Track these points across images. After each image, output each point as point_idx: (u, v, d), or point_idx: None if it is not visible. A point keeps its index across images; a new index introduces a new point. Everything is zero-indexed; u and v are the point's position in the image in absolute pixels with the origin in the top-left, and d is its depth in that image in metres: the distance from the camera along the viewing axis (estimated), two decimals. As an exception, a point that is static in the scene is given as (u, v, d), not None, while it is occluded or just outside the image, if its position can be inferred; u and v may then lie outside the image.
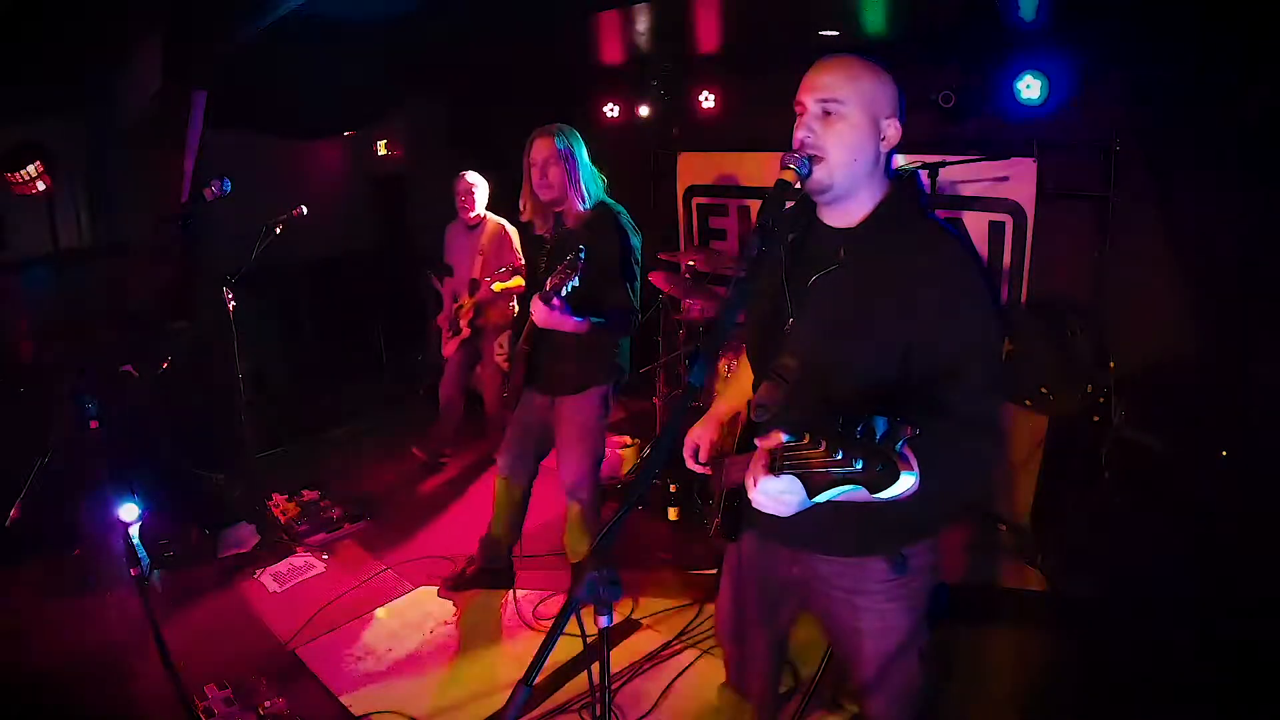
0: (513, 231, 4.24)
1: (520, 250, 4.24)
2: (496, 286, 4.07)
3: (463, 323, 4.29)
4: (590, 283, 2.55)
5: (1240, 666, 2.53)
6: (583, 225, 2.78)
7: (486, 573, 3.30)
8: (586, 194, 2.76)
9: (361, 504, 4.06)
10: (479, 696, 2.69)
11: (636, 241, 2.79)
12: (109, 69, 3.95)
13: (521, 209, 2.92)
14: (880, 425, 1.04)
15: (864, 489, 1.05)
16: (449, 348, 4.41)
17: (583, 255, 2.47)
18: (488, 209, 4.32)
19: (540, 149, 2.76)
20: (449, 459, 4.59)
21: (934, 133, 3.82)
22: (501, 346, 2.99)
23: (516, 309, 4.17)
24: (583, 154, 2.79)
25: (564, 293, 2.49)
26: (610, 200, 2.84)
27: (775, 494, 1.19)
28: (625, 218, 2.80)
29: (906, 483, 1.04)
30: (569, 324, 2.58)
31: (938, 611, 1.61)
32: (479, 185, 4.26)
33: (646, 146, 5.38)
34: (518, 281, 4.12)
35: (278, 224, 3.66)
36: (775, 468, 1.13)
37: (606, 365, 2.90)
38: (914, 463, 1.07)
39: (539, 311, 2.56)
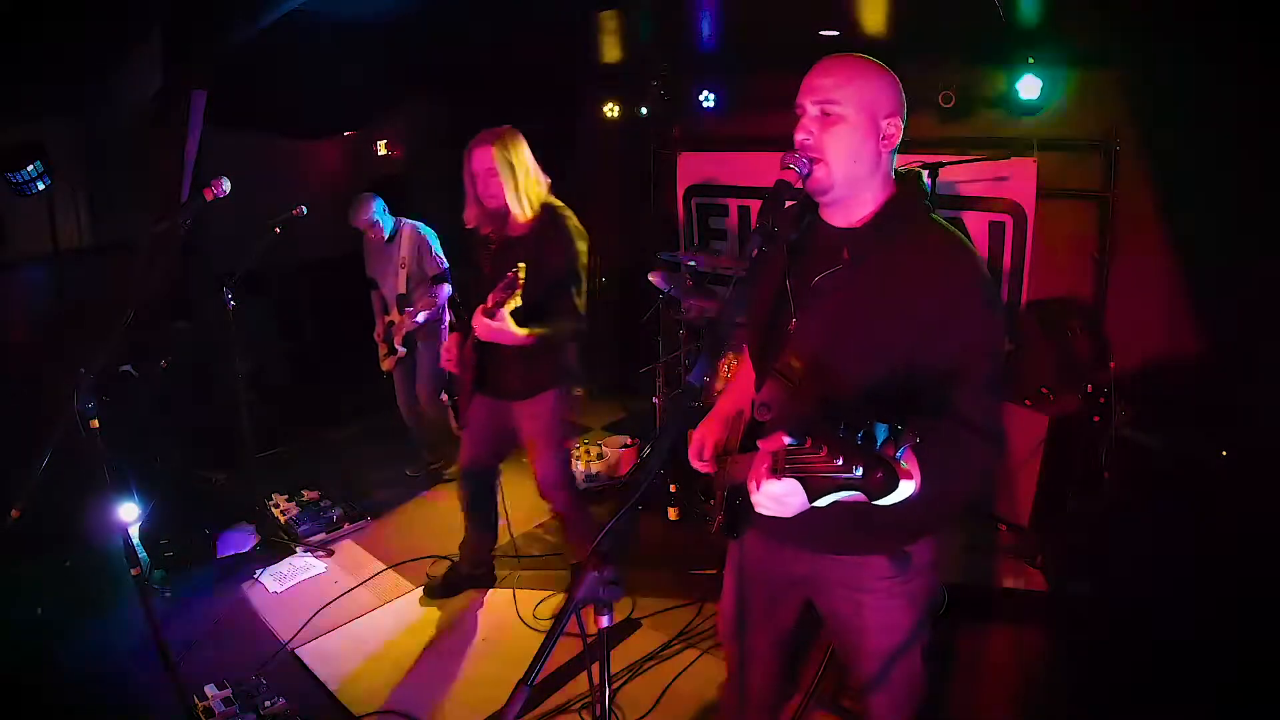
0: (428, 234, 4.16)
1: (442, 253, 4.15)
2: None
3: (396, 341, 4.19)
4: (535, 293, 2.49)
5: (1240, 666, 2.53)
6: (528, 232, 2.72)
7: (468, 577, 3.30)
8: (529, 201, 2.70)
9: (361, 504, 4.06)
10: (479, 696, 2.69)
11: (582, 246, 2.72)
12: (108, 68, 3.94)
13: (467, 219, 2.84)
14: (881, 432, 1.04)
15: (863, 494, 1.05)
16: (387, 364, 4.33)
17: (522, 274, 2.38)
18: (401, 215, 4.21)
19: (480, 159, 2.69)
20: (444, 464, 4.57)
21: (934, 133, 3.82)
22: (449, 351, 2.94)
23: (451, 318, 4.15)
24: (525, 160, 2.71)
25: (506, 311, 2.43)
26: (556, 202, 2.78)
27: (777, 496, 1.20)
28: (571, 222, 2.73)
29: (906, 490, 1.04)
30: (512, 338, 2.51)
31: (937, 610, 1.61)
32: (376, 210, 4.11)
33: (646, 146, 5.38)
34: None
35: (278, 224, 3.66)
36: (777, 470, 1.13)
37: (555, 370, 2.84)
38: (914, 470, 1.07)
39: (482, 328, 2.50)
